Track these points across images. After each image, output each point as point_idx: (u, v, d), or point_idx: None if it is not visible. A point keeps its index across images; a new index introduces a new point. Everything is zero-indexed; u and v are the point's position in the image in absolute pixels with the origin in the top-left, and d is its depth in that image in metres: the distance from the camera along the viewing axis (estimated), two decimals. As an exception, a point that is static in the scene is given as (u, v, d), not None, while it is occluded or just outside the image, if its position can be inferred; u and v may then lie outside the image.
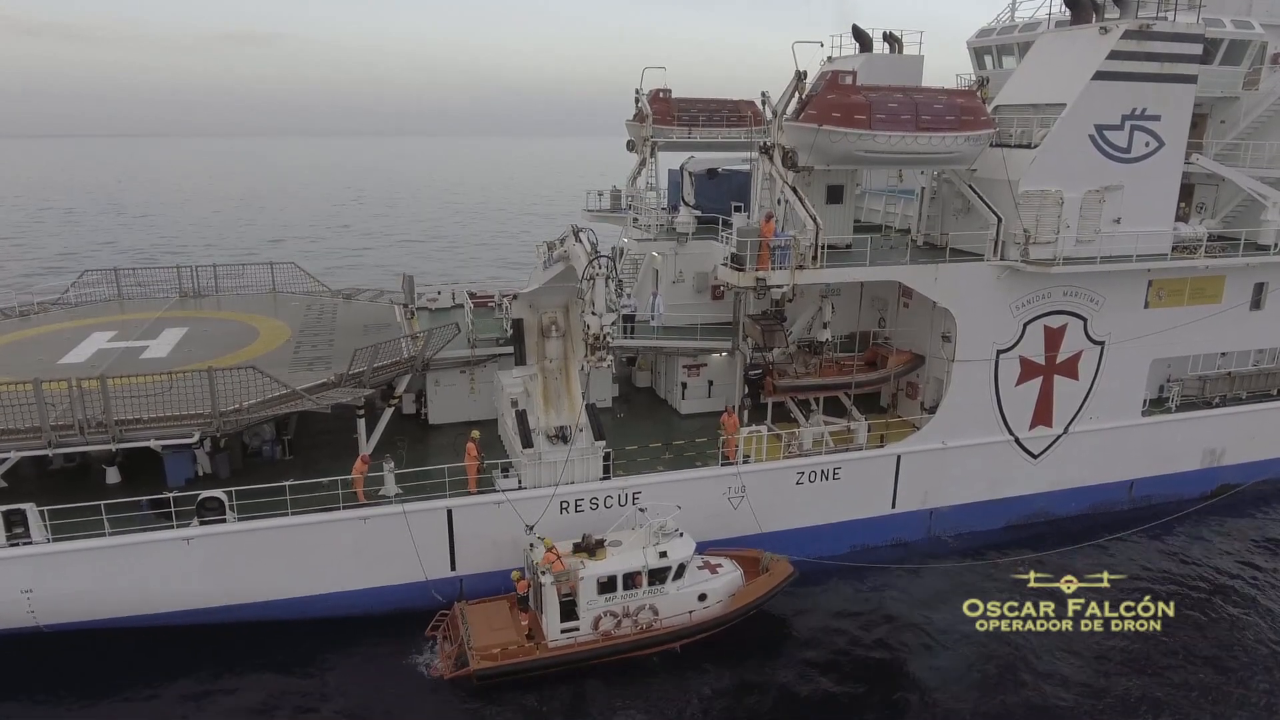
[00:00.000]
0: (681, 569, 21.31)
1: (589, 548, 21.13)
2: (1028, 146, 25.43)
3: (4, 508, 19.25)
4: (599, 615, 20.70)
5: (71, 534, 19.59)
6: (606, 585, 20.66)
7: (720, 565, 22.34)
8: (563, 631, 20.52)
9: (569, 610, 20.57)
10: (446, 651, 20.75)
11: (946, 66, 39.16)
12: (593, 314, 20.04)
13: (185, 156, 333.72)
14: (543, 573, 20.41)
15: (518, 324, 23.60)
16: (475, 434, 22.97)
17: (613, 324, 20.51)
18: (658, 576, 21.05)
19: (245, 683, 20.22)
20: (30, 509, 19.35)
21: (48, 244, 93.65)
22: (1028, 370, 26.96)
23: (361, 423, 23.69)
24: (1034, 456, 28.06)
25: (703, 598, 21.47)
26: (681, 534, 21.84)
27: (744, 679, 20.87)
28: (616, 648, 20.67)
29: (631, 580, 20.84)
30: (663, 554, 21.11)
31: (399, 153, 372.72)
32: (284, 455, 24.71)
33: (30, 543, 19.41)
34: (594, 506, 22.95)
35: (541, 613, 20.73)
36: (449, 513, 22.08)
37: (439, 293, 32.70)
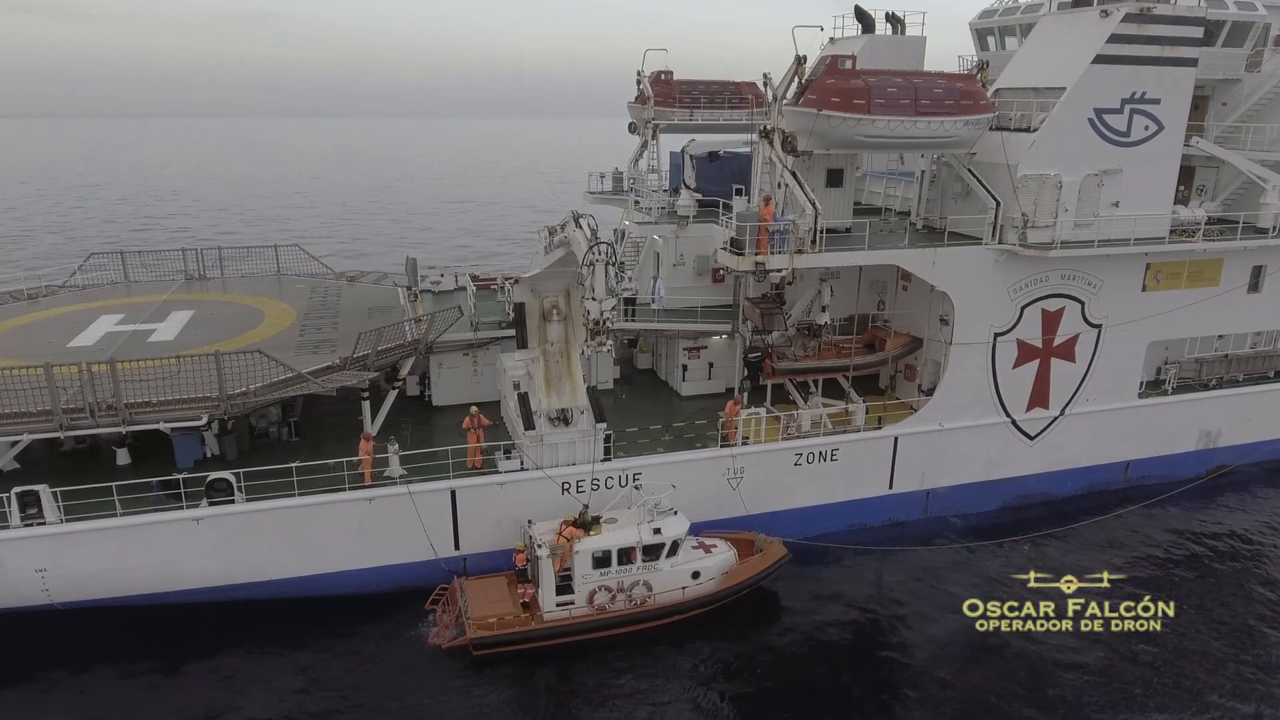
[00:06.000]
0: (675, 546, 21.78)
1: (585, 523, 21.56)
2: (1027, 130, 25.47)
3: (18, 489, 19.68)
4: (594, 589, 21.20)
5: (84, 514, 20.03)
6: (601, 560, 21.14)
7: (714, 545, 22.81)
8: (558, 604, 21.04)
9: (565, 584, 21.06)
10: (445, 622, 21.27)
11: (949, 47, 39.04)
12: (592, 299, 20.32)
13: (180, 137, 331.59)
14: (539, 546, 20.88)
15: (519, 308, 23.86)
16: (474, 409, 23.37)
17: (612, 309, 20.77)
18: (652, 553, 21.51)
19: (249, 658, 20.75)
20: (43, 490, 19.79)
21: (50, 225, 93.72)
22: (1025, 353, 27.18)
23: (366, 405, 24.08)
24: (1030, 438, 28.35)
25: (696, 575, 21.94)
26: (676, 512, 22.27)
27: (735, 656, 21.33)
28: (611, 621, 21.18)
29: (626, 556, 21.31)
30: (657, 530, 21.57)
31: (397, 135, 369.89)
32: (290, 437, 25.12)
33: (44, 523, 19.86)
34: (595, 487, 23.34)
35: (538, 586, 21.23)
36: (453, 493, 22.50)
37: (442, 276, 32.87)
